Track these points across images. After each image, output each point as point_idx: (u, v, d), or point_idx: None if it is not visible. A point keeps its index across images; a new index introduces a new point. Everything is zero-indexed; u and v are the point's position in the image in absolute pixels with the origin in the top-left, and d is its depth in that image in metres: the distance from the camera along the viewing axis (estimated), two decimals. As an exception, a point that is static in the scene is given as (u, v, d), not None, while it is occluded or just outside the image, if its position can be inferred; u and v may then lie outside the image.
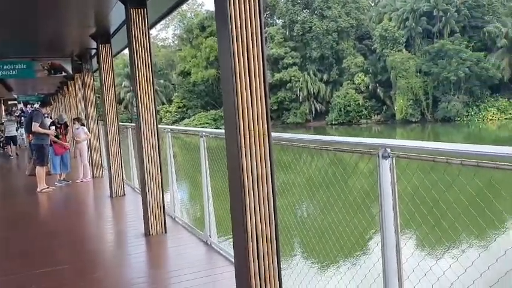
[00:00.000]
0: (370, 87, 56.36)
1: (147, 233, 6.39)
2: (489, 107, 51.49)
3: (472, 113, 51.57)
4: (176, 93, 67.43)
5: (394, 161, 2.93)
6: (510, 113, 50.67)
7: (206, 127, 51.57)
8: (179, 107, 65.56)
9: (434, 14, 55.63)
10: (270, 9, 65.12)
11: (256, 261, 3.20)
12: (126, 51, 7.76)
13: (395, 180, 2.93)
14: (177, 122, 62.22)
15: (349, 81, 57.45)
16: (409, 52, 55.36)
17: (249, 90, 3.13)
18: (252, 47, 3.16)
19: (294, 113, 59.73)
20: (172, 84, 70.46)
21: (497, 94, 52.28)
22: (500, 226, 10.26)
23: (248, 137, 3.12)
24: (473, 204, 3.96)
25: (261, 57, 3.18)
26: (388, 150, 2.95)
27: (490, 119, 50.69)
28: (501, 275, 2.74)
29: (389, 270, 2.87)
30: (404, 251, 2.92)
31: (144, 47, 6.20)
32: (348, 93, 56.64)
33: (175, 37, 77.63)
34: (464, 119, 51.32)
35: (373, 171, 3.06)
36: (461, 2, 55.48)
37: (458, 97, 51.45)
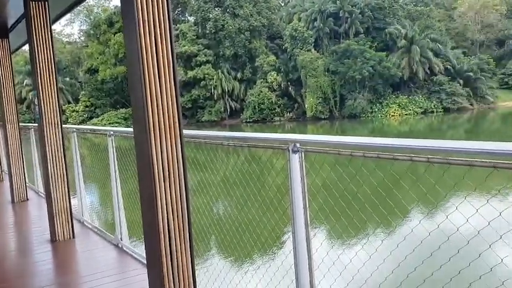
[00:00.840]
0: (282, 85, 57.79)
1: (53, 239, 6.05)
2: (391, 103, 55.11)
3: (376, 110, 54.87)
4: (83, 92, 64.50)
5: (303, 155, 3.02)
6: (410, 109, 54.62)
7: (116, 126, 49.84)
8: (87, 106, 62.76)
9: (341, 15, 58.38)
10: (181, 6, 64.36)
11: (169, 261, 3.14)
12: (27, 47, 7.25)
13: (305, 174, 3.02)
14: (85, 122, 59.56)
15: (262, 80, 58.50)
16: (317, 52, 57.58)
17: (159, 86, 3.06)
18: (161, 42, 3.09)
19: (209, 111, 59.66)
20: (79, 82, 67.33)
21: (398, 92, 56.13)
22: (401, 213, 10.99)
23: (158, 133, 3.06)
24: (378, 193, 4.20)
25: (170, 52, 3.12)
26: (298, 144, 3.03)
27: (392, 115, 54.25)
28: (402, 259, 2.93)
29: (300, 261, 2.96)
30: (314, 242, 3.03)
31: (46, 43, 5.85)
32: (261, 92, 57.64)
33: (82, 33, 74.13)
34: (369, 115, 54.47)
35: (284, 165, 3.13)
36: (365, 4, 58.74)
37: (363, 95, 54.49)
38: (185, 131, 3.35)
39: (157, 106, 3.05)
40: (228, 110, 59.99)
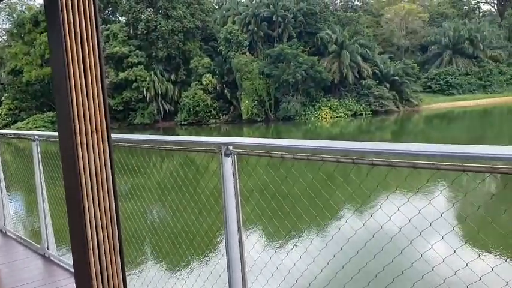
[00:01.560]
0: (217, 88, 57.74)
1: (-29, 252, 5.65)
2: (323, 106, 56.74)
3: (309, 112, 56.25)
4: (6, 94, 60.98)
5: (235, 158, 3.03)
6: (340, 112, 56.49)
7: (43, 131, 47.48)
8: (10, 109, 59.40)
9: (274, 19, 59.30)
10: (111, 6, 62.53)
11: (99, 270, 3.03)
12: None
13: (238, 177, 3.03)
14: (8, 126, 56.25)
15: (197, 82, 58.09)
16: (252, 55, 58.11)
17: (85, 88, 2.95)
18: (87, 43, 2.97)
19: (142, 113, 58.34)
20: (1, 84, 63.48)
21: (329, 95, 57.90)
22: (330, 213, 11.30)
23: (85, 137, 2.94)
24: (308, 194, 4.29)
25: (97, 54, 3.02)
26: (230, 147, 3.03)
27: (324, 117, 55.86)
28: (331, 258, 3.01)
29: (233, 264, 2.96)
30: (247, 244, 3.04)
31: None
32: (196, 94, 57.24)
33: (4, 32, 70.02)
34: (303, 117, 55.76)
35: (217, 168, 3.12)
36: (297, 10, 60.06)
37: (296, 98, 55.69)
38: (114, 135, 3.26)
39: (83, 109, 2.94)
40: (162, 113, 58.97)
